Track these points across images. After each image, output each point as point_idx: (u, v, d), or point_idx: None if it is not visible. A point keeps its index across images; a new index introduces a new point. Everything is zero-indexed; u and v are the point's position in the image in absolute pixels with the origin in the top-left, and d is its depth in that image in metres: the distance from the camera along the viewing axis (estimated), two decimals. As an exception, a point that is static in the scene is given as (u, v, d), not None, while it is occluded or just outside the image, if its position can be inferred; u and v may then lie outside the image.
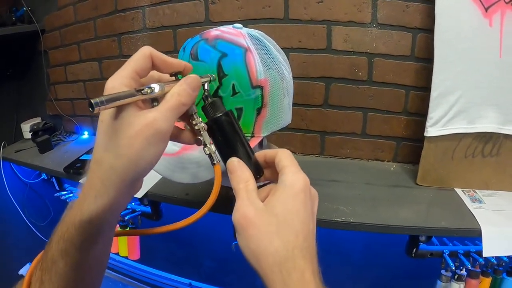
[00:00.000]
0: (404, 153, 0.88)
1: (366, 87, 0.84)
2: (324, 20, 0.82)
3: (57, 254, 0.31)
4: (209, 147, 0.36)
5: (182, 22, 0.92)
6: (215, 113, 0.37)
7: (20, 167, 1.27)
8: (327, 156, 0.93)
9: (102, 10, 1.02)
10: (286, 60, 0.58)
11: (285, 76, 0.56)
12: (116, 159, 0.29)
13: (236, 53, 0.51)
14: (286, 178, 0.32)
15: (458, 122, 0.75)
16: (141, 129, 0.29)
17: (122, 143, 0.29)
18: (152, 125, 0.29)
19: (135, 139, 0.29)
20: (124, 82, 0.30)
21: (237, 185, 0.34)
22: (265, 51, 0.53)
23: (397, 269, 0.91)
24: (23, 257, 1.40)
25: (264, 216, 0.31)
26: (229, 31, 0.54)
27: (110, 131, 0.30)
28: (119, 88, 0.29)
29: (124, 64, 0.32)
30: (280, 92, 0.54)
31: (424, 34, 0.78)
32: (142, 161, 0.30)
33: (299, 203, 0.32)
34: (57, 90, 1.22)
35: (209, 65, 0.51)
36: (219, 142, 0.37)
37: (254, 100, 0.52)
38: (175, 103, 0.31)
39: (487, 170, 0.77)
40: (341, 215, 0.68)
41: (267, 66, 0.52)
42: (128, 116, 0.29)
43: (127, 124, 0.29)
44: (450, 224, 0.67)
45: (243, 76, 0.51)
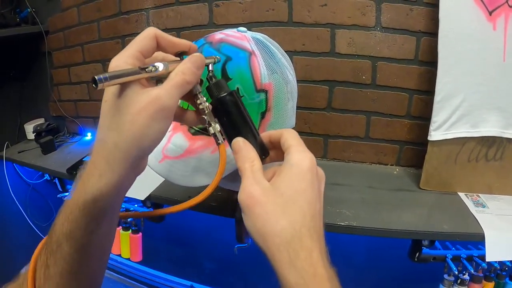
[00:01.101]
0: (407, 156, 0.88)
1: (369, 90, 0.84)
2: (328, 23, 0.82)
3: (62, 236, 0.31)
4: (214, 126, 0.36)
5: (186, 25, 0.93)
6: (219, 93, 0.37)
7: (23, 168, 1.27)
8: (330, 159, 0.93)
9: (106, 12, 1.03)
10: (290, 64, 0.59)
11: (289, 80, 0.56)
12: (120, 137, 0.29)
13: (241, 57, 0.51)
14: (292, 157, 0.32)
15: (462, 126, 0.75)
16: (145, 105, 0.29)
17: (126, 120, 0.29)
18: (156, 101, 0.29)
19: (139, 115, 0.29)
20: (128, 61, 0.30)
21: (242, 165, 0.33)
22: (269, 55, 0.53)
23: (400, 273, 0.90)
24: (25, 257, 1.40)
25: (270, 195, 0.30)
26: (233, 35, 0.54)
27: (114, 109, 0.30)
28: (123, 67, 0.29)
29: (129, 44, 0.32)
30: (284, 96, 0.54)
31: (428, 37, 0.78)
32: (146, 138, 0.30)
33: (306, 182, 0.31)
34: (60, 91, 1.23)
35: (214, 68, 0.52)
36: (223, 122, 0.37)
37: (258, 104, 0.52)
38: (179, 80, 0.31)
39: (490, 174, 0.77)
40: (344, 219, 0.68)
41: (271, 69, 0.52)
42: (131, 94, 0.29)
43: (130, 101, 0.29)
44: (453, 228, 0.67)
45: (247, 80, 0.51)
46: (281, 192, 0.30)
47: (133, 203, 0.94)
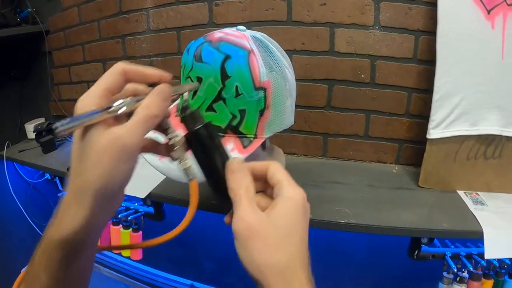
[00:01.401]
0: (407, 155, 0.88)
1: (368, 89, 0.85)
2: (327, 22, 0.82)
3: (39, 269, 0.31)
4: (183, 163, 0.35)
5: (186, 24, 0.93)
6: (194, 125, 0.36)
7: (23, 167, 1.28)
8: (330, 158, 0.94)
9: (106, 12, 1.03)
10: (289, 62, 0.59)
11: (287, 78, 0.56)
12: (86, 179, 0.29)
13: (240, 55, 0.52)
14: (287, 192, 0.33)
15: (460, 124, 0.75)
16: (106, 146, 0.29)
17: (90, 162, 0.29)
18: (116, 141, 0.29)
19: (102, 158, 0.29)
20: (95, 101, 0.30)
21: (237, 189, 0.33)
22: (268, 53, 0.54)
23: (399, 271, 0.91)
24: (25, 257, 1.40)
25: (268, 228, 0.31)
26: (232, 33, 0.55)
27: (79, 151, 0.30)
28: (89, 108, 0.29)
29: (96, 82, 0.31)
30: (283, 94, 0.55)
31: (426, 36, 0.79)
32: (112, 180, 0.30)
33: (299, 217, 0.32)
34: (61, 90, 1.23)
35: (213, 67, 0.52)
36: (198, 155, 0.36)
37: (257, 102, 0.53)
38: (142, 116, 0.31)
39: (489, 173, 0.77)
40: (344, 216, 0.69)
41: (270, 68, 0.53)
42: (93, 136, 0.29)
43: (93, 143, 0.29)
44: (452, 226, 0.67)
45: (246, 78, 0.51)
46: (278, 225, 0.31)
47: (134, 201, 0.95)
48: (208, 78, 0.52)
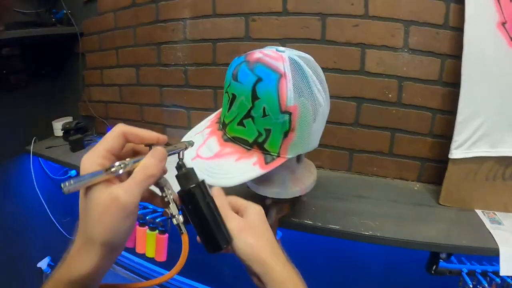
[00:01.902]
0: (428, 173, 0.91)
1: (395, 108, 0.88)
2: (359, 43, 0.86)
3: None
4: (177, 218, 0.38)
5: (222, 37, 0.96)
6: (187, 184, 0.39)
7: (48, 163, 1.31)
8: (355, 173, 0.97)
9: (142, 19, 1.07)
10: (325, 87, 0.61)
11: (319, 103, 0.58)
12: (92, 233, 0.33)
13: (271, 79, 0.54)
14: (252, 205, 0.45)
15: (481, 145, 0.77)
16: (106, 206, 0.32)
17: (93, 218, 0.32)
18: (116, 201, 0.32)
19: (103, 217, 0.32)
20: (98, 161, 0.33)
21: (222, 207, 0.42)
22: (302, 77, 0.56)
23: (416, 285, 0.93)
24: (44, 250, 1.43)
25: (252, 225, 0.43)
26: (270, 54, 0.57)
27: (84, 209, 0.33)
28: (93, 168, 0.33)
29: (98, 143, 0.35)
30: (308, 119, 0.57)
31: (452, 60, 0.82)
32: (114, 236, 0.33)
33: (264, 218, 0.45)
34: (91, 92, 1.27)
35: (246, 87, 0.56)
36: (190, 212, 0.39)
37: (282, 124, 0.56)
38: (141, 176, 0.34)
39: (507, 193, 0.79)
40: (368, 229, 0.72)
41: (300, 92, 0.55)
42: (95, 194, 0.32)
43: (94, 202, 0.32)
44: (470, 243, 0.70)
45: (273, 101, 0.54)
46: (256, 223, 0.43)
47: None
48: (241, 96, 0.57)
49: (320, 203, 0.80)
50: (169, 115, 1.12)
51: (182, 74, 1.05)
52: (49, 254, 1.44)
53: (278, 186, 0.69)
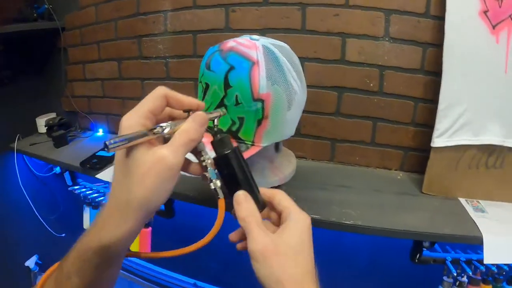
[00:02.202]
0: (411, 162, 0.91)
1: (376, 97, 0.87)
2: (340, 32, 0.85)
3: (73, 271, 0.34)
4: (214, 182, 0.39)
5: (203, 28, 0.96)
6: (222, 150, 0.40)
7: (33, 160, 1.29)
8: (337, 162, 0.96)
9: (123, 12, 1.06)
10: (300, 75, 0.61)
11: (294, 90, 0.58)
12: (131, 195, 0.32)
13: (243, 67, 0.54)
14: (296, 217, 0.38)
15: (463, 134, 0.77)
16: (151, 166, 0.32)
17: (135, 180, 0.32)
18: (162, 161, 0.32)
19: (147, 176, 0.32)
20: (140, 121, 0.33)
21: (246, 217, 0.37)
22: (275, 65, 0.56)
23: (401, 274, 0.93)
24: (31, 249, 1.42)
25: (284, 247, 0.35)
26: (244, 43, 0.57)
27: (124, 169, 0.33)
28: (135, 127, 0.32)
29: (140, 103, 0.34)
30: (282, 107, 0.57)
31: (433, 48, 0.81)
32: (154, 197, 0.33)
33: (308, 237, 0.37)
34: (74, 87, 1.25)
35: (218, 75, 0.56)
36: (225, 176, 0.40)
37: (255, 112, 0.56)
38: (183, 139, 0.34)
39: (490, 182, 0.79)
40: (350, 218, 0.71)
41: (273, 80, 0.55)
42: (139, 154, 0.32)
43: (138, 162, 0.32)
44: (453, 231, 0.69)
45: (245, 89, 0.54)
46: (292, 245, 0.36)
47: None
48: (214, 85, 0.57)
49: (301, 193, 0.79)
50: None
51: (163, 66, 1.04)
52: (37, 252, 1.43)
53: (256, 176, 0.68)
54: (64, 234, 1.38)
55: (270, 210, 0.42)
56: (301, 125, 0.95)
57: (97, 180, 0.93)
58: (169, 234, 1.16)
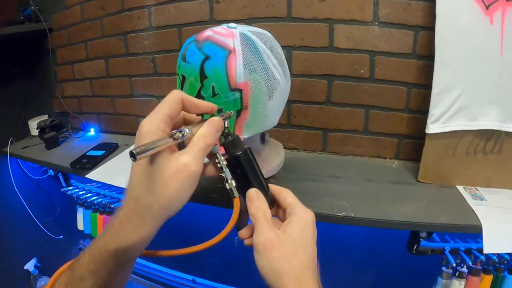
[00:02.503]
0: (406, 150, 0.88)
1: (368, 84, 0.85)
2: (327, 18, 0.83)
3: (87, 273, 0.35)
4: (230, 183, 0.40)
5: (187, 21, 0.94)
6: (234, 151, 0.41)
7: (27, 164, 1.29)
8: (330, 153, 0.94)
9: (108, 10, 1.04)
10: (282, 63, 0.58)
11: (275, 79, 0.56)
12: (153, 199, 0.33)
13: (219, 56, 0.52)
14: (299, 212, 0.39)
15: (459, 119, 0.75)
16: (175, 172, 0.33)
17: (158, 185, 0.33)
18: (185, 168, 0.33)
19: (170, 181, 0.33)
20: (160, 126, 0.34)
21: (256, 213, 0.38)
22: (253, 53, 0.54)
23: (398, 266, 0.91)
24: (29, 252, 1.42)
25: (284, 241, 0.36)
26: (220, 32, 0.55)
27: (147, 174, 0.34)
28: (155, 133, 0.33)
29: (157, 107, 0.35)
30: (262, 96, 0.55)
31: (425, 32, 0.79)
32: (176, 201, 0.34)
33: (310, 232, 0.38)
34: (64, 87, 1.24)
35: (194, 66, 0.54)
36: (238, 177, 0.41)
37: (233, 102, 0.54)
38: (202, 145, 0.35)
39: (488, 168, 0.77)
40: (342, 210, 0.69)
41: (251, 69, 0.53)
42: (162, 160, 0.33)
43: (162, 168, 0.33)
44: (451, 220, 0.67)
45: (222, 79, 0.52)
46: (293, 238, 0.37)
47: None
48: (190, 77, 0.55)
49: (292, 185, 0.76)
50: (141, 105, 1.09)
51: (150, 62, 1.03)
52: (35, 255, 1.43)
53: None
54: (61, 236, 1.37)
55: (277, 208, 0.43)
56: (291, 116, 0.92)
57: (90, 180, 0.92)
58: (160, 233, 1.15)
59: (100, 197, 1.04)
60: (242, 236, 0.41)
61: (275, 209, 0.43)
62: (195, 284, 1.23)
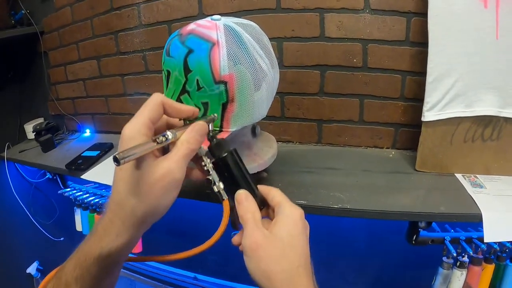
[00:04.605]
0: (403, 139, 0.87)
1: (361, 73, 0.83)
2: (317, 8, 0.81)
3: (72, 279, 0.34)
4: (218, 185, 0.40)
5: (177, 17, 0.93)
6: (220, 153, 0.40)
7: (25, 167, 1.29)
8: (325, 144, 0.92)
9: (98, 9, 1.04)
10: (269, 53, 0.57)
11: (261, 69, 0.54)
12: (137, 204, 0.33)
13: (202, 49, 0.51)
14: (285, 210, 0.38)
15: (456, 106, 0.73)
16: (158, 178, 0.33)
17: (142, 190, 0.33)
18: (168, 175, 0.33)
19: (153, 187, 0.33)
20: (142, 130, 0.34)
21: (245, 215, 0.37)
22: (238, 44, 0.53)
23: (398, 257, 0.90)
24: (31, 255, 1.43)
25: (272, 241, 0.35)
26: (204, 24, 0.54)
27: (130, 179, 0.34)
28: (137, 137, 0.33)
29: (139, 112, 0.35)
30: (249, 88, 0.54)
31: (418, 18, 0.77)
32: (160, 206, 0.35)
33: (299, 229, 0.37)
34: (58, 90, 1.24)
35: (177, 61, 0.53)
36: (225, 179, 0.41)
37: (218, 95, 0.53)
38: (186, 150, 0.35)
39: (487, 155, 0.75)
40: (337, 201, 0.68)
41: (236, 60, 0.52)
42: (146, 166, 0.33)
43: (146, 173, 0.33)
44: (450, 209, 0.65)
45: (206, 72, 0.51)
46: (281, 238, 0.35)
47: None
48: (174, 71, 0.54)
49: (287, 178, 0.76)
50: (134, 103, 1.08)
51: (141, 60, 1.02)
52: (37, 258, 1.44)
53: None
54: (62, 238, 1.38)
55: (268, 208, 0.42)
56: (285, 108, 0.91)
57: (87, 181, 0.92)
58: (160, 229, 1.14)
59: (97, 198, 1.04)
60: (234, 243, 0.40)
61: (266, 210, 0.42)
62: (197, 281, 1.22)
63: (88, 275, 0.34)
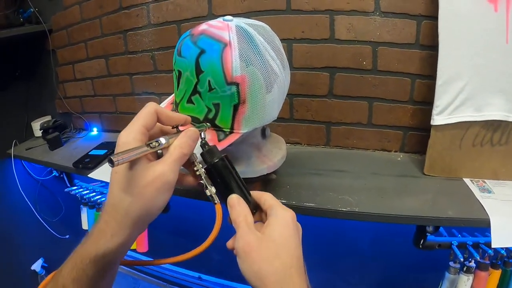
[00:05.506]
0: (412, 143, 0.86)
1: (371, 76, 0.83)
2: (327, 9, 0.81)
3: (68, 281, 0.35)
4: (210, 189, 0.42)
5: (186, 17, 0.93)
6: (212, 159, 0.42)
7: (31, 165, 1.30)
8: (333, 146, 0.92)
9: (107, 8, 1.04)
10: (281, 55, 0.57)
11: (273, 71, 0.54)
12: (131, 206, 0.35)
13: (214, 49, 0.51)
14: (277, 212, 0.39)
15: (465, 110, 0.73)
16: (152, 180, 0.34)
17: (135, 192, 0.34)
18: (161, 177, 0.35)
19: (147, 188, 0.34)
20: (136, 137, 0.35)
21: (237, 218, 0.38)
22: (250, 45, 0.52)
23: (405, 261, 0.89)
24: (36, 253, 1.44)
25: (264, 242, 0.36)
26: (216, 25, 0.54)
27: (124, 181, 0.35)
28: (132, 143, 0.35)
29: (133, 119, 0.37)
30: (260, 90, 0.53)
31: (428, 21, 0.77)
32: (153, 207, 0.36)
33: (291, 231, 0.38)
34: (66, 88, 1.25)
35: (189, 61, 0.52)
36: (218, 184, 0.42)
37: (230, 97, 0.52)
38: (178, 155, 0.37)
39: (496, 160, 0.75)
40: (346, 205, 0.68)
41: (248, 61, 0.51)
42: (140, 168, 0.35)
43: (139, 176, 0.35)
44: (458, 214, 0.65)
45: (218, 73, 0.51)
46: (273, 239, 0.36)
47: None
48: (186, 72, 0.54)
49: (295, 180, 0.75)
50: (142, 103, 1.09)
51: (150, 59, 1.02)
52: (42, 255, 1.44)
53: (243, 165, 0.65)
54: (67, 235, 1.38)
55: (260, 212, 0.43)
56: (293, 110, 0.91)
57: (93, 179, 0.92)
58: (166, 229, 1.15)
59: (104, 196, 1.04)
60: (228, 247, 0.41)
61: (259, 214, 0.43)
62: (201, 281, 1.23)
63: (85, 276, 0.35)
